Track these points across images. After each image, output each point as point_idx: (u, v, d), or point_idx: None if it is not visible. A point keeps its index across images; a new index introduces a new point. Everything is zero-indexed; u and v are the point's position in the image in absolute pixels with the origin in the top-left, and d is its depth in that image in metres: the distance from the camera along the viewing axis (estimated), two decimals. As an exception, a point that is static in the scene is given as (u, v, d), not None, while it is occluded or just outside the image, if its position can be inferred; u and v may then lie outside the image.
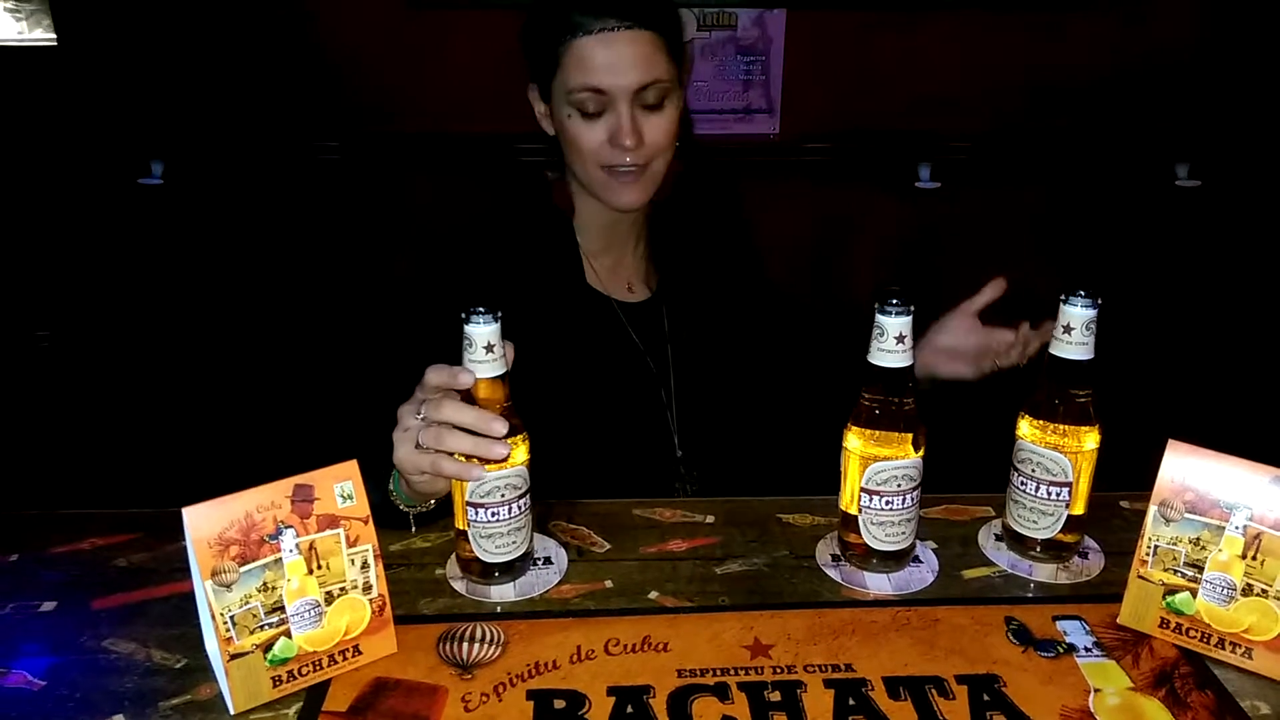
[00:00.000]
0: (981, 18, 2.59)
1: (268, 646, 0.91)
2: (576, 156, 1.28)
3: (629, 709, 0.92)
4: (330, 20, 2.56)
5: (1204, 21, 2.63)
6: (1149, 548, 1.00)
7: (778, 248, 2.70)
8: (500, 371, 1.02)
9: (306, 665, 0.94)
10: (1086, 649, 1.00)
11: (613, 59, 1.20)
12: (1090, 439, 1.08)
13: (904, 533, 1.10)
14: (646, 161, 1.27)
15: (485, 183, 1.51)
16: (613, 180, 1.28)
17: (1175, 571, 0.99)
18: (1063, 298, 1.05)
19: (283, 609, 0.92)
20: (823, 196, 2.73)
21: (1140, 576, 1.01)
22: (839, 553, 1.15)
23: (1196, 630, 0.99)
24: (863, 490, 1.07)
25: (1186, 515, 0.98)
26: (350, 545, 0.95)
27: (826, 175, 2.70)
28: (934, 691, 0.94)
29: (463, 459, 1.01)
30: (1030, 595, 1.10)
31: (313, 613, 0.94)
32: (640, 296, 1.45)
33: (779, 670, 0.97)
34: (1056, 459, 1.08)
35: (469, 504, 1.05)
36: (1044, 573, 1.12)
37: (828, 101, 2.65)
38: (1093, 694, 0.94)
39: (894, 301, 1.02)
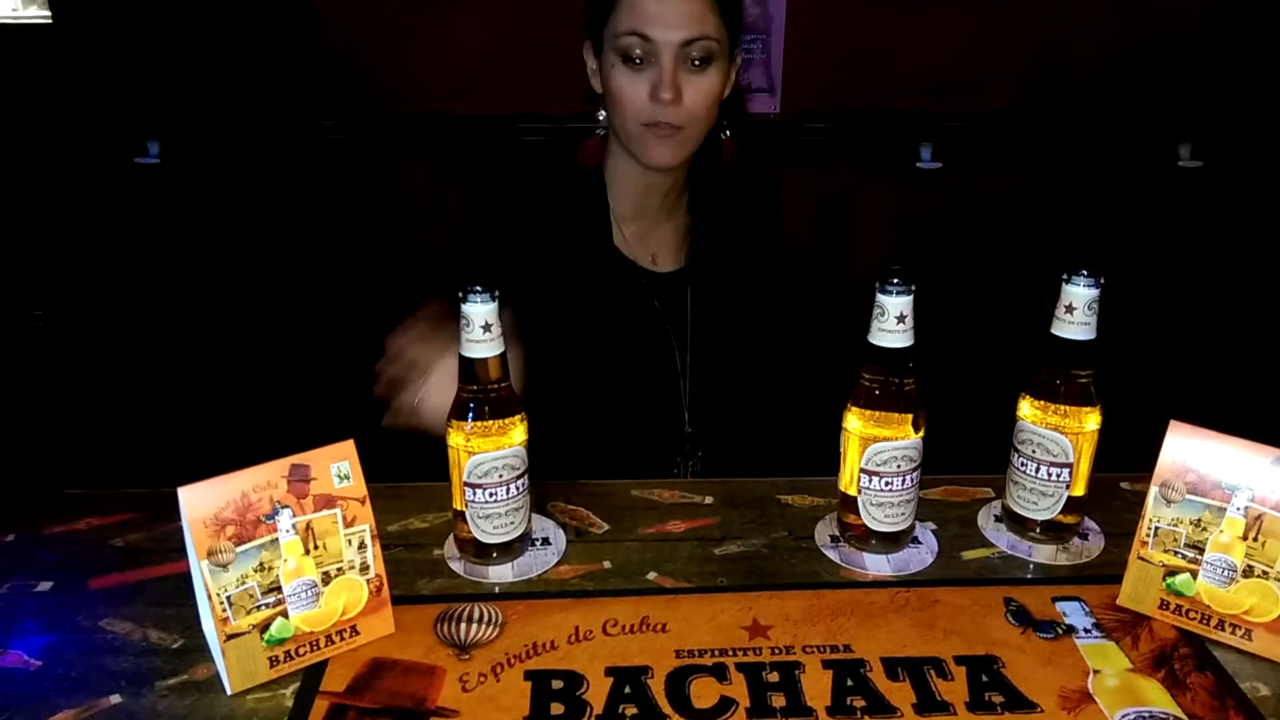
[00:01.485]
0: (985, -3, 2.58)
1: (264, 627, 0.91)
2: (618, 109, 1.28)
3: (627, 689, 0.92)
4: (328, -2, 2.54)
5: (1207, 2, 2.61)
6: (1149, 529, 1.00)
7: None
8: (498, 351, 1.02)
9: (304, 645, 0.94)
10: (1086, 630, 1.00)
11: (664, 9, 1.21)
12: (1091, 420, 1.07)
13: (903, 514, 1.10)
14: (683, 123, 1.27)
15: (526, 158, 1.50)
16: (649, 135, 1.28)
17: (1176, 553, 0.99)
18: (1064, 277, 1.04)
19: (279, 589, 0.92)
20: (824, 176, 2.71)
21: (1140, 558, 1.01)
22: (838, 534, 1.15)
23: (1196, 612, 0.99)
24: (862, 471, 1.07)
25: (1188, 496, 0.97)
26: (347, 525, 0.94)
27: (827, 155, 2.68)
28: (932, 672, 0.94)
29: None
30: (1030, 576, 1.10)
31: (310, 593, 0.93)
32: (666, 267, 1.44)
33: (777, 651, 0.97)
34: (1057, 440, 1.07)
35: (466, 484, 1.04)
36: (1044, 554, 1.12)
37: (829, 81, 2.63)
38: (1092, 675, 0.94)
39: (895, 281, 1.01)
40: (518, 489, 1.06)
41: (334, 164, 2.66)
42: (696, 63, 1.25)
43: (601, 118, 1.37)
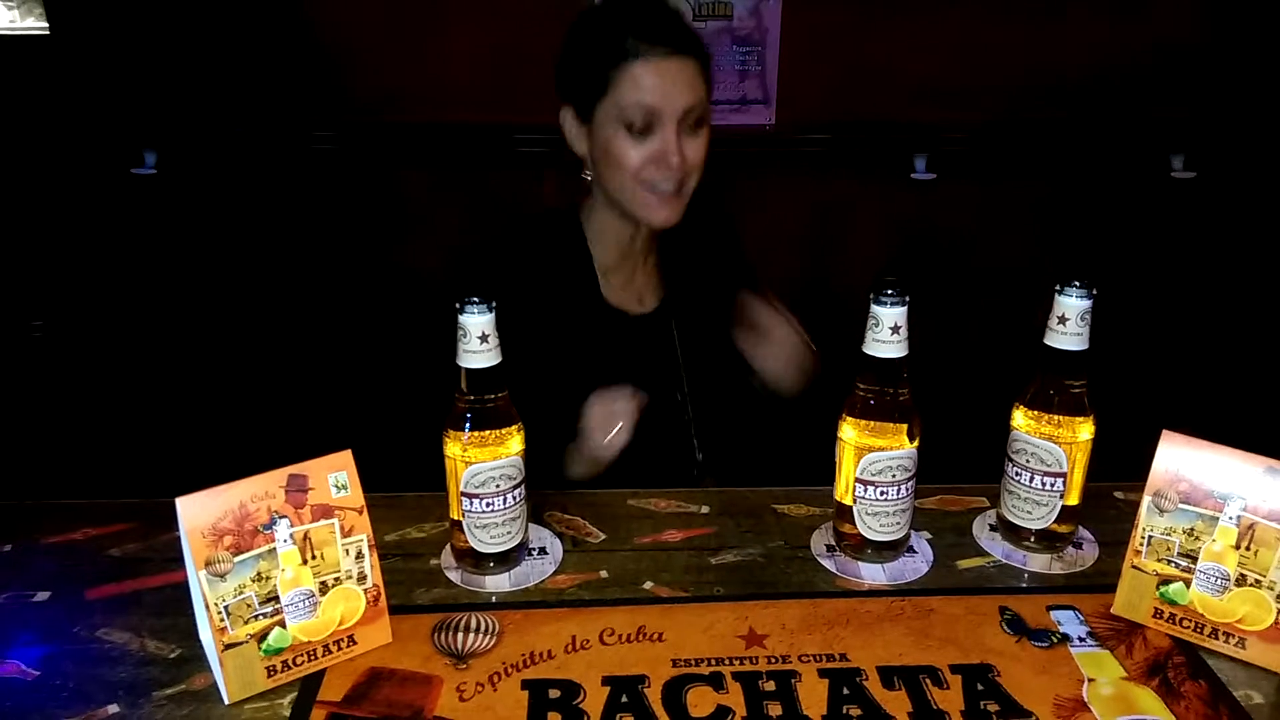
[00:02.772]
0: (978, 9, 2.59)
1: (262, 636, 0.91)
2: (616, 173, 1.34)
3: (624, 698, 0.92)
4: (325, 8, 2.55)
5: (1200, 13, 2.62)
6: (1143, 538, 1.00)
7: (774, 238, 2.71)
8: (495, 361, 1.02)
9: (301, 655, 0.94)
10: (1080, 639, 1.00)
11: (665, 82, 1.29)
12: (1085, 429, 1.08)
13: (899, 523, 1.10)
14: (683, 182, 1.34)
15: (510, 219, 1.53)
16: (651, 198, 1.35)
17: (1169, 562, 1.00)
18: (1057, 288, 1.05)
19: (277, 599, 0.92)
20: (819, 187, 2.72)
21: (1134, 567, 1.02)
22: (834, 543, 1.15)
23: (1190, 620, 0.99)
24: (858, 481, 1.07)
25: (1180, 505, 0.98)
26: (345, 535, 0.95)
27: (823, 166, 2.69)
28: (928, 681, 0.94)
29: None
30: (1024, 585, 1.10)
31: (307, 603, 0.93)
32: (649, 308, 1.50)
33: (773, 660, 0.97)
34: (1051, 449, 1.08)
35: (464, 494, 1.05)
36: (1038, 563, 1.13)
37: (824, 92, 2.64)
38: (1086, 683, 0.94)
39: (889, 292, 1.02)
40: (514, 499, 1.07)
41: (330, 174, 2.66)
42: (693, 125, 1.33)
43: (588, 177, 1.43)
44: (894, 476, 1.07)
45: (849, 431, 1.08)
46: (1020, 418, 1.10)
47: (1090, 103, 2.67)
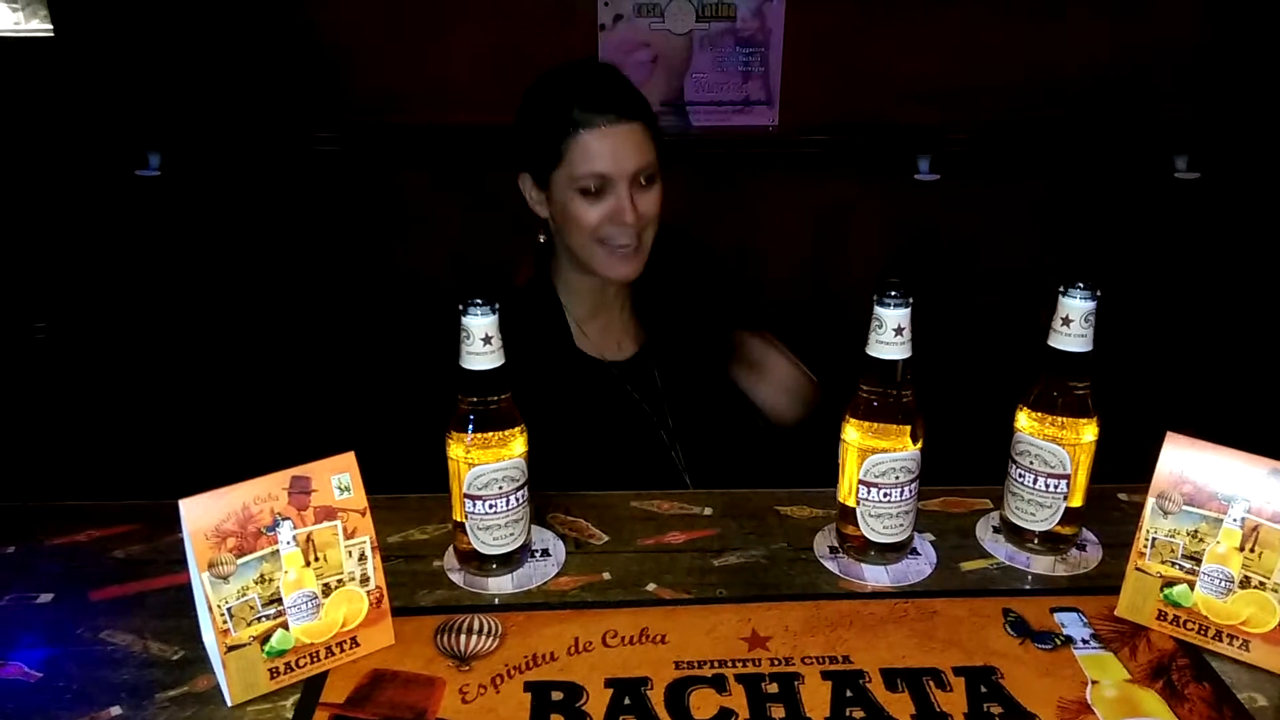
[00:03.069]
0: (981, 10, 2.58)
1: (265, 638, 0.91)
2: (576, 233, 1.40)
3: (626, 700, 0.92)
4: (327, 10, 2.55)
5: (1203, 13, 2.62)
6: (1147, 540, 1.00)
7: (777, 239, 2.71)
8: (499, 363, 1.02)
9: (304, 657, 0.94)
10: (1084, 641, 1.00)
11: (614, 149, 1.36)
12: (1088, 431, 1.08)
13: (902, 525, 1.10)
14: (640, 232, 1.40)
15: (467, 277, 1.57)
16: (610, 255, 1.41)
17: (1173, 564, 0.99)
18: (1061, 289, 1.05)
19: (280, 601, 0.92)
20: (822, 188, 2.72)
21: (1138, 569, 1.01)
22: (837, 545, 1.15)
23: (1194, 622, 0.99)
24: (861, 482, 1.07)
25: (1184, 507, 0.98)
26: (347, 537, 0.95)
27: (826, 167, 2.69)
28: (931, 683, 0.94)
29: None
30: (1028, 587, 1.10)
31: (310, 604, 0.94)
32: (629, 353, 1.53)
33: (777, 662, 0.97)
34: (1055, 451, 1.08)
35: (466, 496, 1.05)
36: (1042, 565, 1.13)
37: (827, 93, 2.64)
38: (1090, 686, 0.94)
39: (893, 293, 1.02)
40: (517, 500, 1.07)
41: (332, 175, 2.66)
42: (644, 182, 1.39)
43: (542, 240, 1.49)
44: (897, 478, 1.07)
45: (852, 433, 1.07)
46: (1024, 419, 1.10)
47: (1093, 103, 2.67)
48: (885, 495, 1.07)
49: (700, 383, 1.54)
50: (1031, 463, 1.10)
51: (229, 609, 0.89)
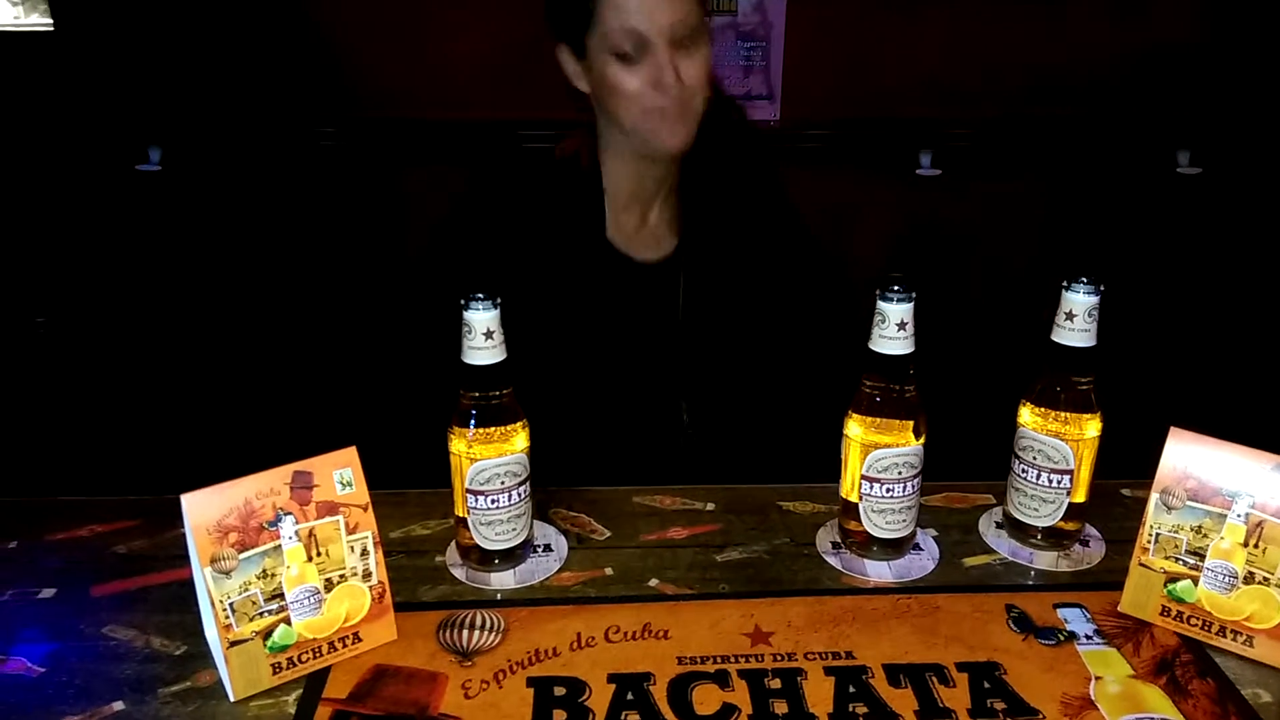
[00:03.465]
0: (983, 5, 2.58)
1: (267, 633, 0.91)
2: (620, 104, 1.30)
3: (629, 696, 0.92)
4: (329, 6, 2.55)
5: (1205, 8, 2.62)
6: (1150, 535, 1.00)
7: (778, 235, 2.70)
8: (500, 358, 1.02)
9: (306, 652, 0.94)
10: (1087, 636, 1.00)
11: (648, 2, 1.24)
12: (1092, 426, 1.07)
13: (905, 520, 1.10)
14: (687, 101, 1.30)
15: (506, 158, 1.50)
16: (656, 121, 1.30)
17: (1177, 559, 0.99)
18: (1065, 284, 1.05)
19: (282, 596, 0.92)
20: (823, 183, 2.70)
21: (1141, 564, 1.01)
22: (839, 540, 1.15)
23: (1198, 618, 0.99)
24: (863, 478, 1.07)
25: (1188, 503, 0.98)
26: (350, 532, 0.95)
27: (827, 162, 2.69)
28: (934, 679, 0.94)
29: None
30: (1031, 583, 1.10)
31: (312, 600, 0.93)
32: (658, 255, 1.45)
33: (779, 658, 0.97)
34: (1058, 446, 1.08)
35: (468, 491, 1.05)
36: (1045, 560, 1.12)
37: (828, 88, 2.64)
38: (1094, 682, 0.94)
39: (895, 288, 1.01)
40: (519, 495, 1.06)
41: (334, 171, 2.66)
42: (686, 45, 1.28)
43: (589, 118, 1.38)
44: (900, 473, 1.06)
45: (855, 428, 1.07)
46: (1027, 414, 1.10)
47: (1096, 99, 2.66)
48: (888, 490, 1.07)
49: (724, 308, 1.43)
50: (1035, 458, 1.09)
51: (231, 604, 0.89)
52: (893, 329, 1.02)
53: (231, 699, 0.91)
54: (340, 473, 0.94)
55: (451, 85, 2.59)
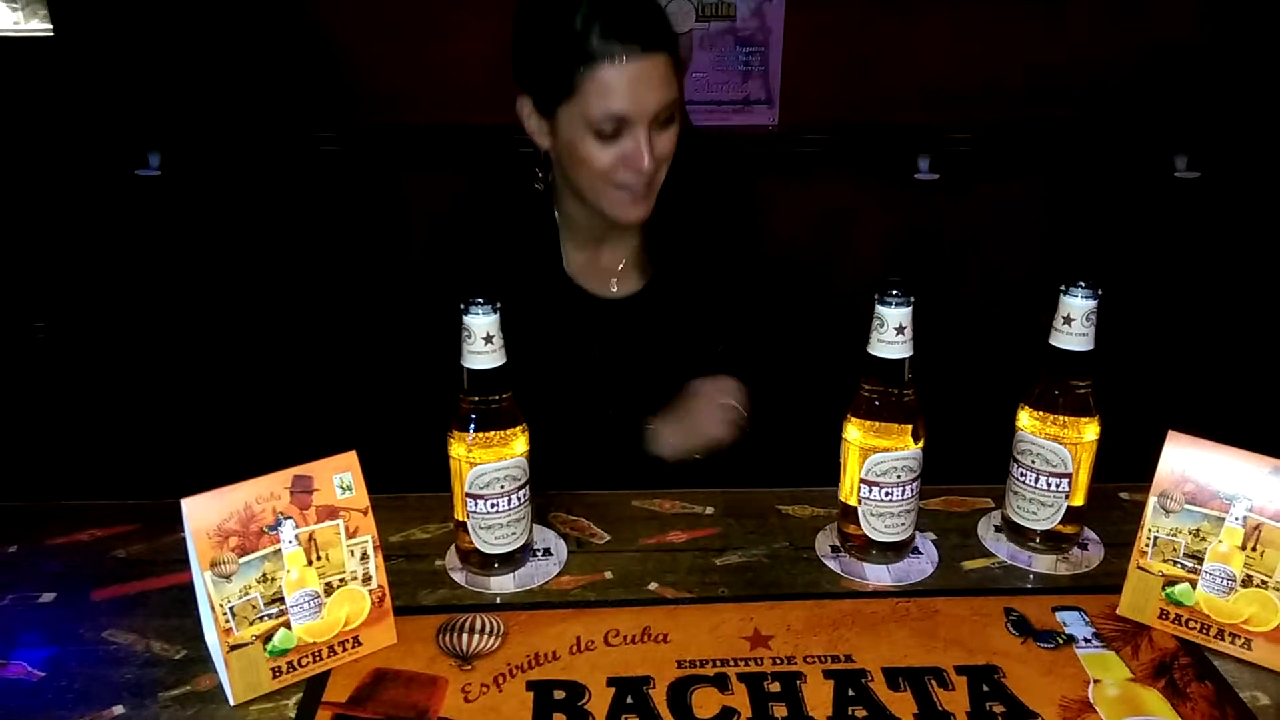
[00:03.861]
0: (981, 9, 2.58)
1: (267, 637, 0.91)
2: (584, 174, 1.28)
3: (629, 700, 0.92)
4: (329, 10, 2.55)
5: (1203, 13, 2.62)
6: (1149, 539, 1.00)
7: (777, 239, 2.69)
8: (499, 362, 1.02)
9: (306, 656, 0.94)
10: (1086, 640, 1.00)
11: (635, 86, 1.20)
12: (1090, 430, 1.08)
13: (903, 524, 1.10)
14: (654, 175, 1.28)
15: (479, 174, 1.50)
16: (622, 195, 1.28)
17: (1175, 563, 0.99)
18: (1062, 288, 1.05)
19: (282, 600, 0.92)
20: (822, 188, 2.72)
21: (1140, 568, 1.01)
22: (838, 544, 1.15)
23: (1196, 621, 0.99)
24: (862, 481, 1.07)
25: (1186, 506, 0.98)
26: (349, 536, 0.95)
27: (826, 167, 2.69)
28: (933, 682, 0.94)
29: None
30: (1030, 586, 1.10)
31: (312, 604, 0.94)
32: (623, 292, 1.44)
33: (779, 661, 0.97)
34: (1056, 450, 1.08)
35: (468, 495, 1.05)
36: (1043, 564, 1.13)
37: (827, 93, 2.64)
38: (1092, 685, 0.94)
39: (894, 292, 1.02)
40: (519, 500, 1.07)
41: (334, 176, 2.66)
42: (664, 122, 1.25)
43: (540, 186, 1.38)
44: (899, 477, 1.07)
45: (854, 432, 1.07)
46: (1025, 418, 1.10)
47: (1093, 103, 2.67)
48: (887, 494, 1.07)
49: (681, 342, 1.42)
50: (1033, 462, 1.10)
51: (231, 608, 0.89)
52: (891, 333, 1.03)
53: (231, 703, 0.91)
54: (340, 477, 0.94)
55: (451, 89, 2.59)
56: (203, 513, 0.88)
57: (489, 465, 1.03)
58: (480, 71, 2.55)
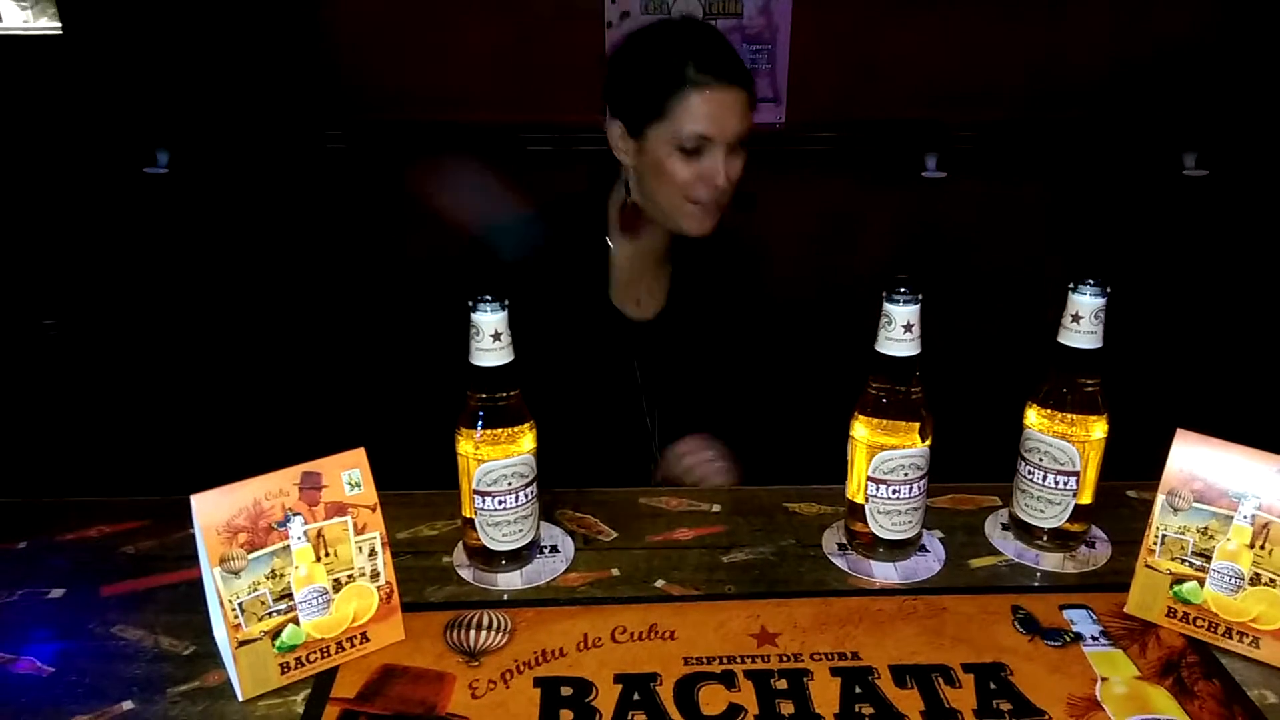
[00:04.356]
0: (989, 7, 2.58)
1: (276, 633, 0.92)
2: (664, 187, 1.42)
3: (636, 696, 0.92)
4: (336, 9, 2.56)
5: (1210, 10, 2.61)
6: (1157, 537, 1.00)
7: (784, 236, 2.71)
8: (507, 360, 1.02)
9: (314, 652, 0.94)
10: (1093, 638, 1.00)
11: (721, 112, 1.37)
12: (1098, 428, 1.07)
13: (911, 521, 1.10)
14: (725, 194, 1.43)
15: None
16: (695, 209, 1.43)
17: (1183, 561, 0.99)
18: (1071, 286, 1.05)
19: (291, 596, 0.92)
20: (829, 185, 2.72)
21: (1148, 566, 1.01)
22: (845, 541, 1.15)
23: (1204, 619, 0.99)
24: (870, 479, 1.07)
25: (1194, 504, 0.98)
26: (358, 533, 0.95)
27: (832, 164, 2.69)
28: (940, 680, 0.94)
29: None
30: (1037, 584, 1.10)
31: (320, 600, 0.94)
32: (647, 315, 1.56)
33: (785, 659, 0.97)
34: (1064, 448, 1.08)
35: (476, 492, 1.05)
36: (1051, 562, 1.12)
37: (834, 90, 2.64)
38: (1100, 683, 0.94)
39: (902, 290, 1.02)
40: (526, 497, 1.07)
41: (341, 173, 2.67)
42: (738, 147, 1.41)
43: (628, 189, 1.49)
44: (906, 475, 1.06)
45: (861, 430, 1.07)
46: (1033, 416, 1.10)
47: (1101, 101, 2.66)
48: (894, 492, 1.07)
49: (700, 361, 1.57)
50: (1041, 460, 1.09)
51: (240, 604, 0.89)
52: (899, 331, 1.03)
53: (240, 699, 0.91)
54: (349, 473, 0.94)
55: (459, 87, 2.59)
56: (212, 509, 0.88)
57: (497, 462, 1.04)
58: (485, 70, 2.57)
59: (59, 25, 2.55)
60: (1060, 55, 2.62)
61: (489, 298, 1.00)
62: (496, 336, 1.01)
